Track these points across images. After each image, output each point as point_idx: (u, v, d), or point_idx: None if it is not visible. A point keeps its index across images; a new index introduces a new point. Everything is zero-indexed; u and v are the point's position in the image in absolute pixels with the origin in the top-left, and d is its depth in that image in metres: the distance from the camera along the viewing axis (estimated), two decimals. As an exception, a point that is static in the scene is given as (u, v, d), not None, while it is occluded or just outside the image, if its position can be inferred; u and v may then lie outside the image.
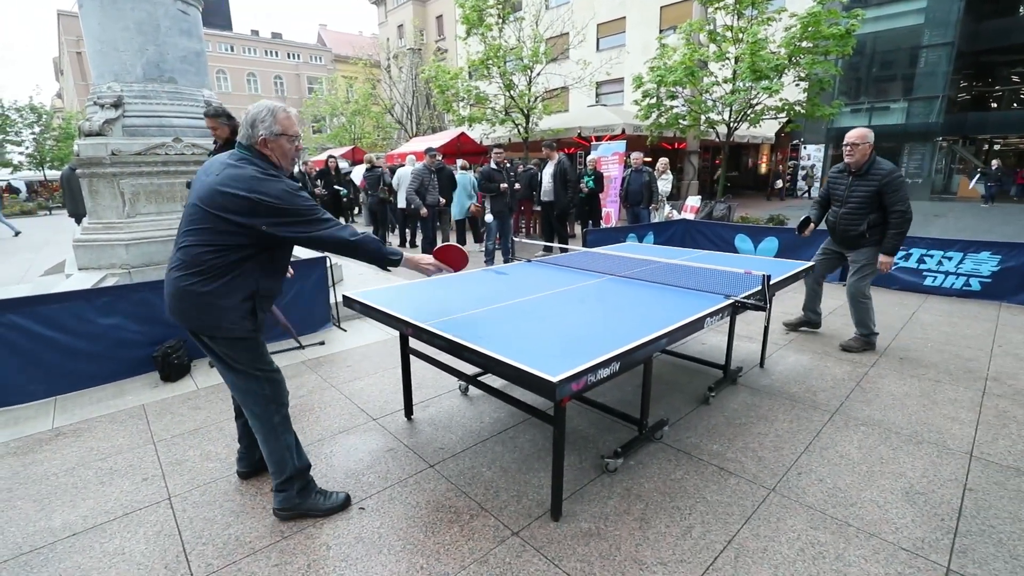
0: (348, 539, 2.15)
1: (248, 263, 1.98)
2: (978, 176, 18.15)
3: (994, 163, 17.67)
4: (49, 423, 3.18)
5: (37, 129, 27.46)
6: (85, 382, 3.64)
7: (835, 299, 5.82)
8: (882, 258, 4.03)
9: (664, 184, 9.32)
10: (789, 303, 5.69)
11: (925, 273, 6.09)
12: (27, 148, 27.60)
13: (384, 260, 2.15)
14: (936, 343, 4.40)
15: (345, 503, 2.33)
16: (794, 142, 21.25)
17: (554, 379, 1.74)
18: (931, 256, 6.05)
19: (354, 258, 2.09)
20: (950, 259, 5.93)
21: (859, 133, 3.96)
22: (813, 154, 20.99)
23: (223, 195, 1.86)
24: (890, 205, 3.89)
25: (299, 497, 2.24)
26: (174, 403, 3.44)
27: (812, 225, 4.40)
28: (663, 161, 9.53)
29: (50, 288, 4.06)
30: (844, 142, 4.04)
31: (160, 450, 2.86)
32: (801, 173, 21.36)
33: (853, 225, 4.08)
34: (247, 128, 2.00)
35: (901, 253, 6.24)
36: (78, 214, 7.68)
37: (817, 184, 20.23)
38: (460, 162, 9.88)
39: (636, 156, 8.65)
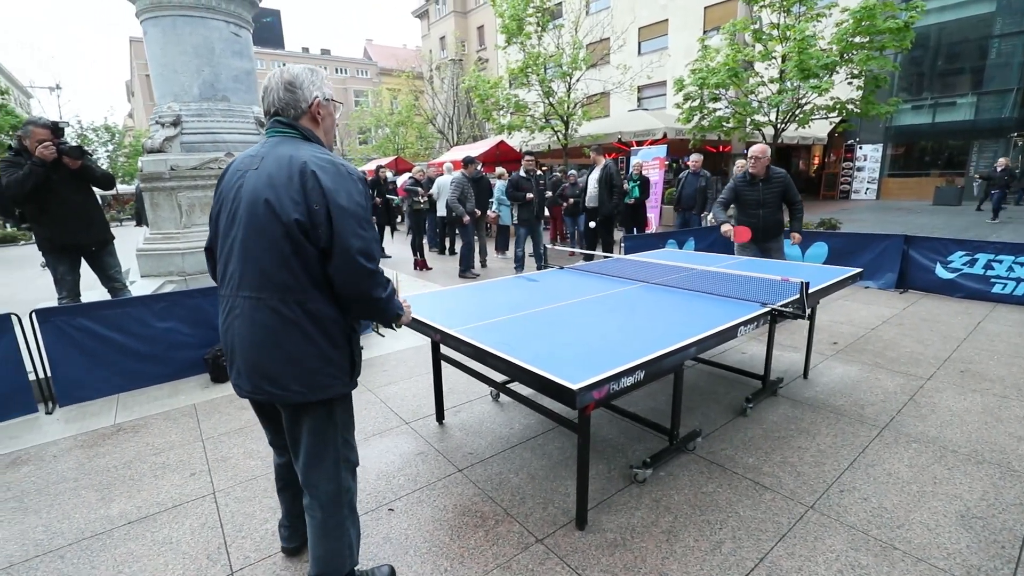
0: (376, 539, 2.20)
1: None
2: (978, 184, 14.40)
3: (999, 164, 13.15)
4: (112, 419, 3.42)
5: (111, 147, 29.69)
6: (144, 381, 3.90)
7: (890, 308, 5.51)
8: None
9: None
10: (839, 312, 5.43)
11: (993, 280, 5.66)
12: (101, 165, 29.87)
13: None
14: (1004, 355, 4.09)
15: None
16: (848, 142, 20.25)
17: (575, 387, 1.73)
18: (1000, 262, 5.63)
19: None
20: (1022, 265, 5.49)
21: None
22: (869, 154, 19.93)
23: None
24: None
25: None
26: (222, 403, 3.63)
27: None
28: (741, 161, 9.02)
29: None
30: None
31: (208, 447, 3.02)
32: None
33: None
34: (280, 94, 1.58)
35: (965, 258, 5.85)
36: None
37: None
38: (499, 170, 9.97)
39: (696, 159, 8.21)
